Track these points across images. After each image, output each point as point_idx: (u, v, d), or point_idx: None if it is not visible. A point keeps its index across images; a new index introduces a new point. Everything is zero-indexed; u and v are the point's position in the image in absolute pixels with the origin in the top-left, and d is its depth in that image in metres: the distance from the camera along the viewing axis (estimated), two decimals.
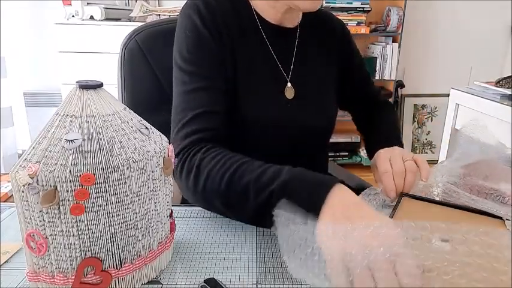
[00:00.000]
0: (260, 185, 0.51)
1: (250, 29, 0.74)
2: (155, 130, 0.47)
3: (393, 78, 2.73)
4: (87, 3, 2.20)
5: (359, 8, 2.59)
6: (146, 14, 2.29)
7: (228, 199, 0.55)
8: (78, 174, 0.37)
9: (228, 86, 0.70)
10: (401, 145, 0.79)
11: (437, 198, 0.62)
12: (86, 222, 0.39)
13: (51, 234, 0.39)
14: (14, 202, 0.41)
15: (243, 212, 0.56)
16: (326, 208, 0.46)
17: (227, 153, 0.59)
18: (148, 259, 0.45)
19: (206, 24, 0.70)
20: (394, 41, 2.69)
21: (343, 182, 0.49)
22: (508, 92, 1.47)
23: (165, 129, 0.60)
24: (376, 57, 2.71)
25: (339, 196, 0.47)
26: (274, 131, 0.74)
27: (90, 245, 0.40)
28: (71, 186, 0.37)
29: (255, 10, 0.76)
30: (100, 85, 0.43)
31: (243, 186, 0.52)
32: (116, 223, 0.41)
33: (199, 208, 0.63)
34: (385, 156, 0.69)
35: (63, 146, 0.39)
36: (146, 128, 0.45)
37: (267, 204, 0.49)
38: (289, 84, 0.75)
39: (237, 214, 0.59)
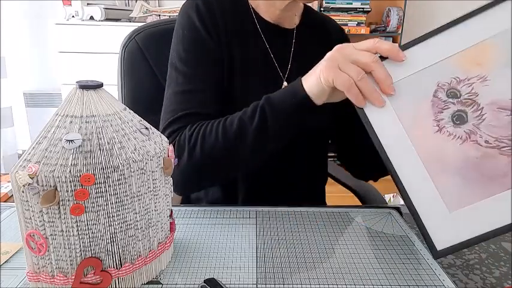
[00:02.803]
0: (249, 114, 0.59)
1: (249, 29, 0.75)
2: (155, 130, 0.47)
3: None
4: (87, 4, 2.21)
5: (359, 8, 2.59)
6: (146, 15, 2.29)
7: (229, 143, 0.59)
8: (78, 175, 0.37)
9: (223, 86, 0.71)
10: None
11: None
12: (86, 222, 0.39)
13: (51, 234, 0.39)
14: (14, 202, 0.41)
15: (245, 147, 0.59)
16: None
17: (206, 122, 0.63)
18: (148, 259, 0.45)
19: (205, 23, 0.70)
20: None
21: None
22: None
23: None
24: None
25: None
26: None
27: (90, 245, 0.40)
28: (71, 186, 0.37)
29: (253, 10, 0.76)
30: (100, 85, 0.43)
31: (237, 125, 0.59)
32: (116, 223, 0.41)
33: (199, 208, 0.63)
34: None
35: (63, 146, 0.39)
36: (146, 128, 0.45)
37: (263, 121, 0.57)
38: (285, 83, 0.76)
39: (241, 153, 0.60)
